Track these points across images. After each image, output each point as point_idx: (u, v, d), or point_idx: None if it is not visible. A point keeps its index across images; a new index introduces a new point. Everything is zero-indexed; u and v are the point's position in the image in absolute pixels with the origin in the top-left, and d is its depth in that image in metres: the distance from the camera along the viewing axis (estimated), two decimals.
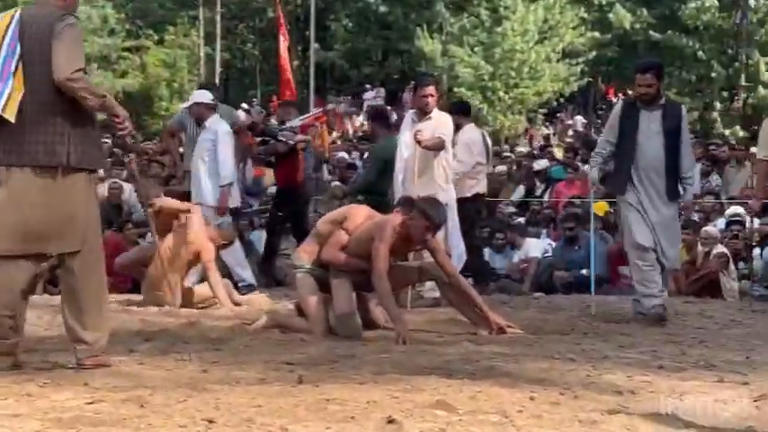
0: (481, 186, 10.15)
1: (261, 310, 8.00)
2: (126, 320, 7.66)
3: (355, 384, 4.77)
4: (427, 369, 5.24)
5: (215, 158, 9.84)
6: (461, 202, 9.32)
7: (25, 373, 5.13)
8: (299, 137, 11.28)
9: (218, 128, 9.93)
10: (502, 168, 15.88)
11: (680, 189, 7.93)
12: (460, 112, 10.26)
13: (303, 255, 7.35)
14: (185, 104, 11.31)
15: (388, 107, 36.67)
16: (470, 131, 10.23)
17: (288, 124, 11.45)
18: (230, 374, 5.13)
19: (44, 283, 10.46)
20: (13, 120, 5.04)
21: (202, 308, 8.56)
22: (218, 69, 37.02)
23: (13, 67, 5.06)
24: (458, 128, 9.71)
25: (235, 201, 10.13)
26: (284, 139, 11.05)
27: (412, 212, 7.00)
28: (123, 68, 33.79)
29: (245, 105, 32.97)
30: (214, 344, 6.40)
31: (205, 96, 10.20)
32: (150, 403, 4.29)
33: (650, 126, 7.85)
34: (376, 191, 9.45)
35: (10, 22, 5.13)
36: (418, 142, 8.66)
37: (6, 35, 5.11)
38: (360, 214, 7.32)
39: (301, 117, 13.02)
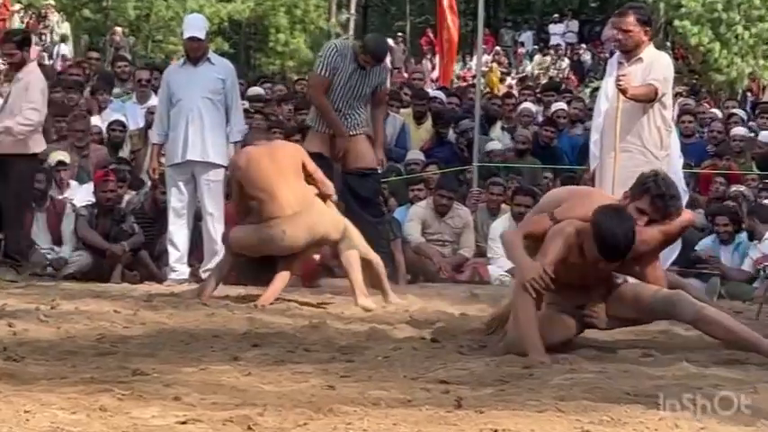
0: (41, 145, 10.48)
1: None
2: (229, 318, 7.81)
3: (532, 412, 4.76)
4: (630, 396, 5.21)
5: None
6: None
7: (99, 380, 5.29)
8: None
9: None
10: (741, 130, 15.22)
11: None
12: None
13: None
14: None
15: (583, 45, 36.50)
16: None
17: None
18: (365, 393, 5.18)
19: (122, 270, 10.76)
20: None
21: None
22: None
23: None
24: None
25: None
26: None
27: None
28: None
29: (390, 41, 32.98)
30: (343, 353, 6.49)
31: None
32: (260, 426, 4.37)
33: None
34: None
35: None
36: (622, 91, 8.59)
37: None
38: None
39: None
